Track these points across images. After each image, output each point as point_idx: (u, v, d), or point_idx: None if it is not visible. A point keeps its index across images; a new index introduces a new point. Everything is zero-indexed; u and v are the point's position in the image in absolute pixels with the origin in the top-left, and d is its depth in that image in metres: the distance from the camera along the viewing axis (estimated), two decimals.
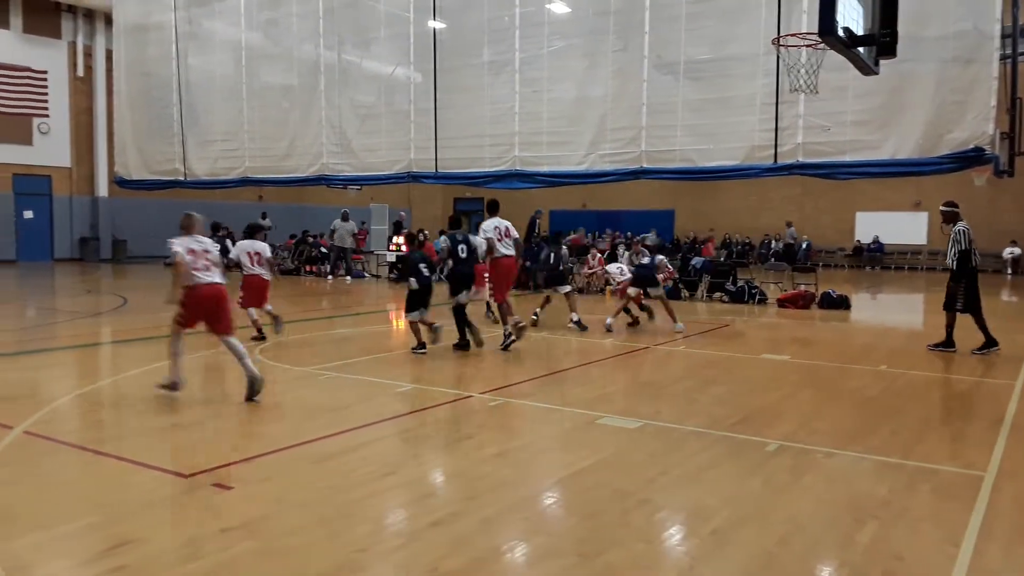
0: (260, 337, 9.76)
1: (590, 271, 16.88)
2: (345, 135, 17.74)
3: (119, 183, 23.60)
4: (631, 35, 13.38)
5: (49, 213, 25.19)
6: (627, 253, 16.83)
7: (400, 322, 12.90)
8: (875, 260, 28.30)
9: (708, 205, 30.69)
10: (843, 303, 14.43)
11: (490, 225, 9.65)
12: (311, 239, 23.61)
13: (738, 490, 4.48)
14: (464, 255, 9.56)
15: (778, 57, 10.43)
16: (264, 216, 23.41)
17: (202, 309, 6.59)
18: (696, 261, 17.08)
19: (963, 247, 9.05)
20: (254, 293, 9.60)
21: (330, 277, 20.24)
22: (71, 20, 25.19)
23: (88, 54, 25.58)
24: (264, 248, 9.74)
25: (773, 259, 25.70)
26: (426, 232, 19.07)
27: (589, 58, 14.15)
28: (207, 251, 6.62)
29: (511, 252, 9.66)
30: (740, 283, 15.71)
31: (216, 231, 13.09)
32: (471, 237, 9.72)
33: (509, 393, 6.86)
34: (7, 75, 23.69)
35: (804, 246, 28.53)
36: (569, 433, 5.79)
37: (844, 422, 6.16)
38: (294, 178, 18.93)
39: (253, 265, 9.51)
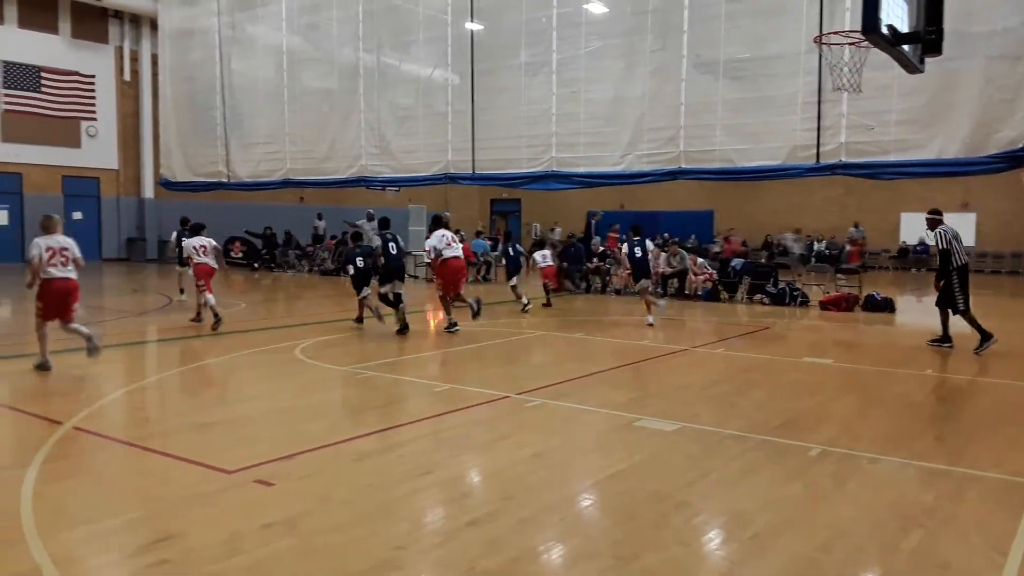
0: (197, 319, 11.32)
1: (627, 271, 16.79)
2: (384, 137, 17.91)
3: (164, 185, 24.14)
4: (669, 34, 13.29)
5: (97, 214, 25.85)
6: (664, 255, 16.68)
7: (435, 323, 12.98)
8: (921, 262, 27.66)
9: (749, 206, 30.28)
10: (887, 306, 14.13)
11: (437, 235, 11.00)
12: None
13: (779, 495, 4.41)
14: (394, 252, 11.23)
15: (820, 55, 10.27)
16: (320, 217, 23.45)
17: (52, 299, 7.68)
18: (736, 263, 16.87)
19: (942, 247, 9.67)
20: (205, 279, 11.09)
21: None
22: (118, 25, 25.82)
23: (134, 59, 26.20)
24: (209, 241, 11.38)
25: (815, 260, 25.28)
26: (463, 232, 19.19)
27: (627, 58, 14.09)
28: (64, 249, 7.79)
29: (459, 254, 11.20)
30: (781, 285, 15.48)
31: (184, 225, 14.16)
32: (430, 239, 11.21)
33: (546, 394, 6.86)
34: (56, 79, 24.36)
35: (846, 248, 27.98)
36: (606, 435, 5.77)
37: (888, 427, 6.04)
38: (334, 180, 19.17)
39: (201, 256, 11.13)
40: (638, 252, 12.09)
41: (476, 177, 16.21)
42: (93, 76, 25.17)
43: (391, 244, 11.23)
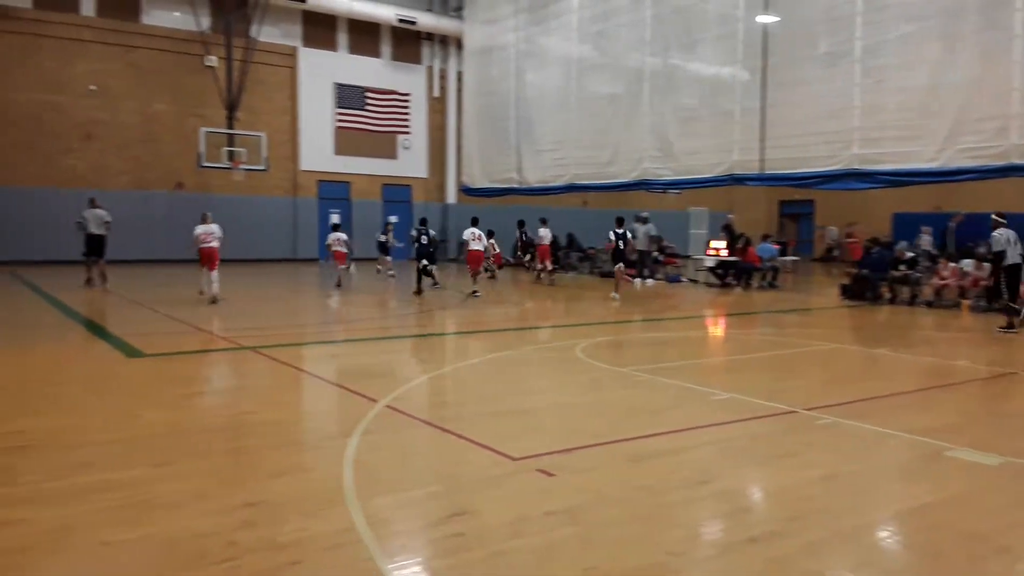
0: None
1: (941, 281, 14.90)
2: (666, 139, 17.82)
3: (464, 191, 26.37)
4: (997, 11, 11.60)
5: (409, 218, 28.94)
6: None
7: (717, 329, 12.63)
8: None
9: None
10: None
11: (467, 232, 15.99)
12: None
13: None
14: (424, 241, 16.03)
15: None
16: (646, 220, 22.53)
17: (202, 257, 12.57)
18: None
19: (997, 248, 11.19)
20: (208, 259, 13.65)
21: (637, 281, 20.44)
22: (430, 47, 28.65)
23: (443, 76, 28.89)
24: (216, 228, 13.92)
25: None
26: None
27: (945, 41, 12.57)
28: (210, 232, 11.73)
29: (478, 247, 16.02)
30: None
31: (92, 204, 16.46)
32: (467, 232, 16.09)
33: (840, 412, 6.33)
34: (378, 98, 27.67)
35: None
36: (910, 463, 5.18)
37: None
38: (616, 183, 19.48)
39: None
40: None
41: (765, 177, 15.48)
42: (408, 94, 28.21)
43: (423, 236, 16.04)
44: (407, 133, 28.38)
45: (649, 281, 20.06)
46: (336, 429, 5.83)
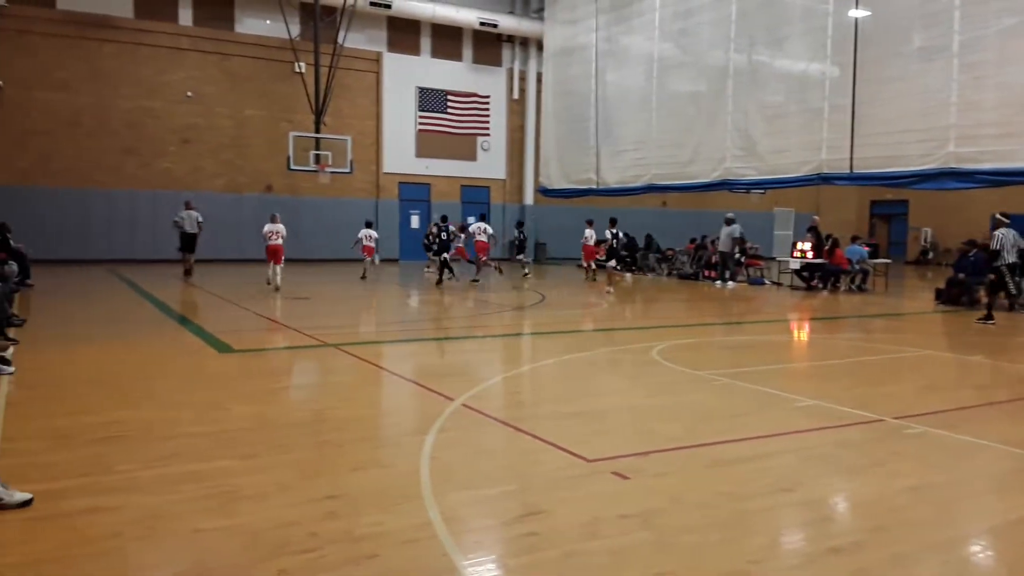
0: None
1: None
2: (750, 138, 17.41)
3: (542, 192, 26.42)
4: None
5: (487, 219, 29.16)
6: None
7: (801, 333, 12.28)
8: None
9: None
10: None
11: (475, 225, 19.46)
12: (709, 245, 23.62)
13: None
14: (444, 237, 18.41)
15: None
16: (732, 221, 21.69)
17: (268, 253, 14.81)
18: None
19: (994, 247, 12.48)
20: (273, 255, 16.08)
21: (718, 283, 20.02)
22: (510, 49, 28.84)
23: (522, 78, 29.04)
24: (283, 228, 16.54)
25: None
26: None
27: None
28: (277, 232, 14.00)
29: (483, 239, 19.10)
30: None
31: (188, 206, 18.74)
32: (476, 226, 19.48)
33: (930, 421, 6.06)
34: (459, 101, 28.02)
35: None
36: (1007, 476, 4.91)
37: None
38: (696, 184, 19.15)
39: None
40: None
41: (854, 177, 14.95)
42: (488, 96, 28.47)
43: (443, 232, 18.46)
44: (487, 135, 28.64)
45: (730, 284, 19.64)
46: (414, 426, 5.93)
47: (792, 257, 19.29)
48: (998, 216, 12.64)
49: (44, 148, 22.23)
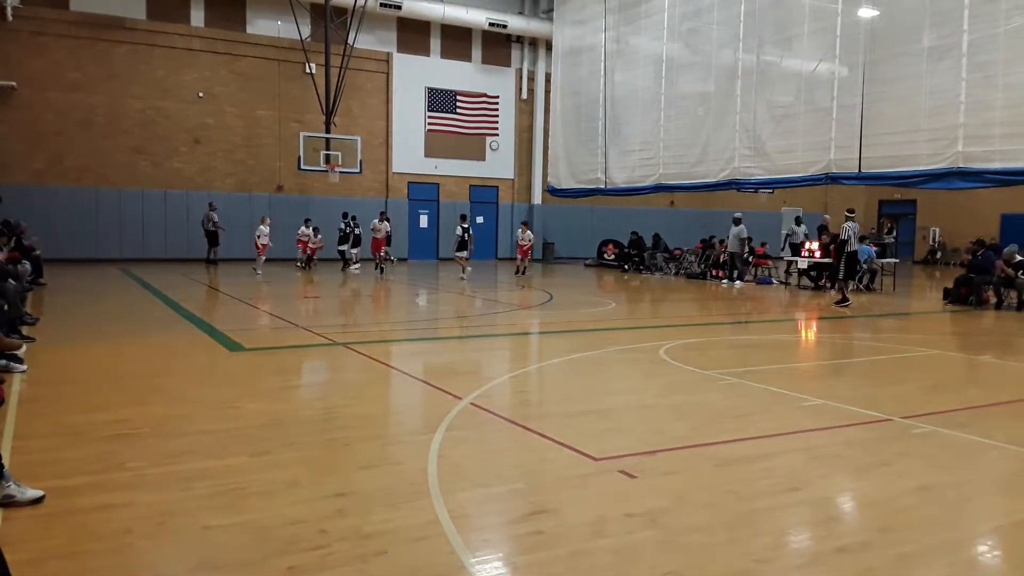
0: None
1: None
2: (759, 138, 17.39)
3: (550, 191, 26.44)
4: None
5: (495, 218, 29.23)
6: None
7: (809, 333, 12.26)
8: None
9: None
10: None
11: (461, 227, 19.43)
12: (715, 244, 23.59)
13: None
14: (465, 237, 19.59)
15: None
16: (739, 221, 21.71)
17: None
18: None
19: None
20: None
21: (725, 282, 20.01)
22: (519, 50, 28.86)
23: (531, 78, 29.05)
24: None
25: None
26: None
27: None
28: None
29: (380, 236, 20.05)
30: None
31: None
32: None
33: (938, 421, 6.06)
34: (468, 101, 28.06)
35: None
36: (1013, 476, 4.91)
37: None
38: (705, 184, 19.13)
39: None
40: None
41: (863, 177, 14.91)
42: (497, 96, 28.50)
43: (467, 232, 19.74)
44: (495, 135, 28.67)
45: (738, 283, 19.63)
46: (422, 424, 5.97)
47: (801, 256, 19.25)
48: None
49: (57, 148, 22.39)
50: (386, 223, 21.97)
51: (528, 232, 21.94)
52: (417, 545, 3.58)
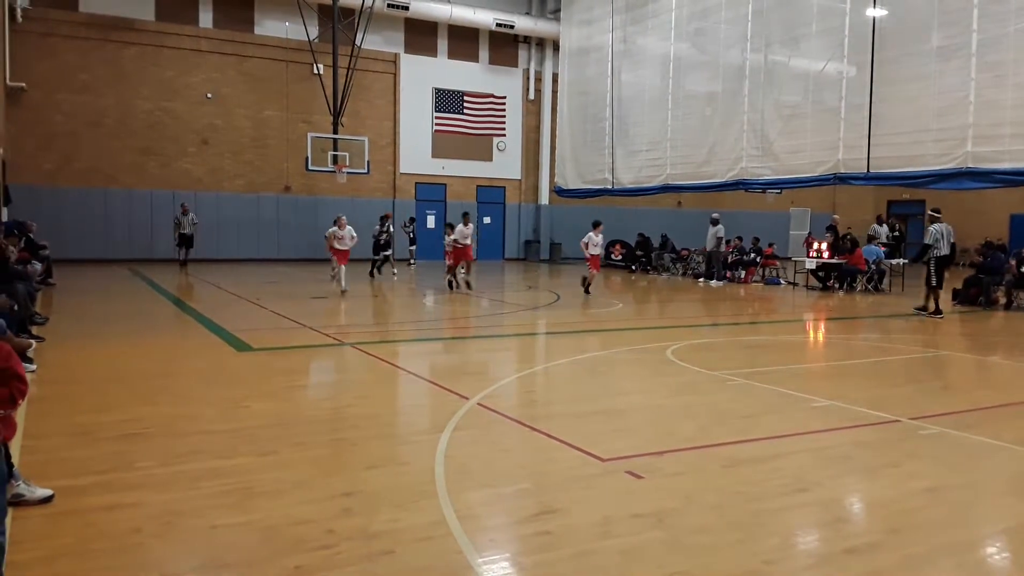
0: None
1: None
2: (766, 138, 17.34)
3: (557, 192, 26.43)
4: None
5: (502, 219, 29.23)
6: None
7: (817, 333, 12.22)
8: None
9: None
10: None
11: (461, 229, 16.63)
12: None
13: None
14: (382, 240, 20.16)
15: None
16: (717, 221, 22.05)
17: (338, 256, 14.84)
18: None
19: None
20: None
21: (702, 281, 20.10)
22: (526, 50, 28.85)
23: (538, 79, 29.03)
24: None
25: None
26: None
27: None
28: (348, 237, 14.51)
29: (468, 243, 16.82)
30: None
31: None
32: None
33: (947, 422, 6.03)
34: (475, 102, 28.07)
35: None
36: (1022, 477, 4.89)
37: None
38: (712, 184, 19.09)
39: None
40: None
41: (871, 177, 14.85)
42: (504, 97, 28.50)
43: (387, 231, 20.22)
44: (502, 135, 28.67)
45: (714, 282, 19.72)
46: (429, 424, 5.98)
47: (808, 257, 19.19)
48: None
49: (67, 149, 22.50)
50: (471, 226, 17.36)
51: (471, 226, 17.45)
52: (424, 545, 3.58)
